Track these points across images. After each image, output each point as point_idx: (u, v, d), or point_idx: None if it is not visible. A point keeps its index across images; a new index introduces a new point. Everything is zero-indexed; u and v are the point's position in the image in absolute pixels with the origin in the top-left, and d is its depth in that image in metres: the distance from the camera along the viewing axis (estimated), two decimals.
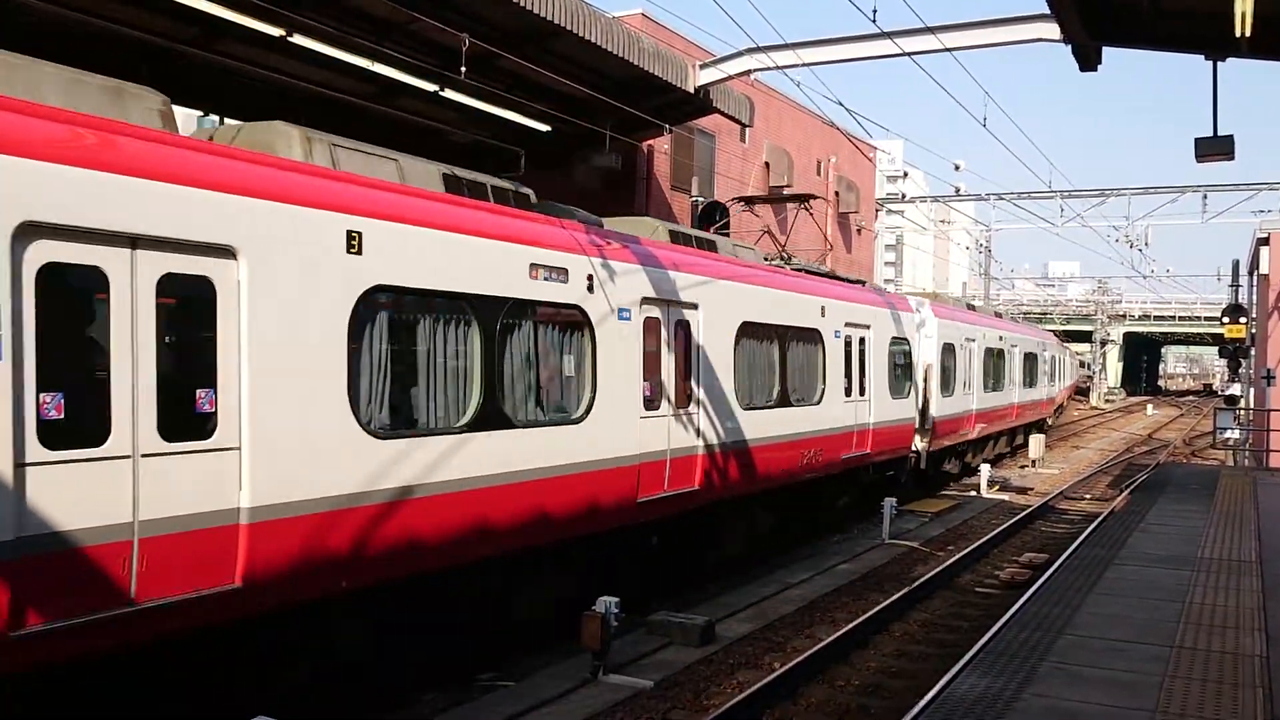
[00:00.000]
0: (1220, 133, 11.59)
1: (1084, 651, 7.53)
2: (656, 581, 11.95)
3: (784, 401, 14.16)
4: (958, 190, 40.82)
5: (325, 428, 7.25)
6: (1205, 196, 38.13)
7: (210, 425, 6.51)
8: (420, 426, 8.21)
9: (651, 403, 11.00)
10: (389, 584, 7.91)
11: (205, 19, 12.38)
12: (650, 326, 11.04)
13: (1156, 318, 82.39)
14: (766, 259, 15.30)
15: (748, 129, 22.04)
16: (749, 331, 13.19)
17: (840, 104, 14.07)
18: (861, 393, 16.67)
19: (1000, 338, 27.00)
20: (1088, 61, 12.54)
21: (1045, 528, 18.18)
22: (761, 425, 13.36)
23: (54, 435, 5.72)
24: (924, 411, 19.97)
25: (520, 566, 9.51)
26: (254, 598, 6.73)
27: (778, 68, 14.88)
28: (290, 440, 6.97)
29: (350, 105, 15.75)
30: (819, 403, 15.15)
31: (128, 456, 6.03)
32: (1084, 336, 75.69)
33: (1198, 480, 19.17)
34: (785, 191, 25.58)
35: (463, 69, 12.81)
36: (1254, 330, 30.95)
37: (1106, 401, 71.43)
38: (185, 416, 6.37)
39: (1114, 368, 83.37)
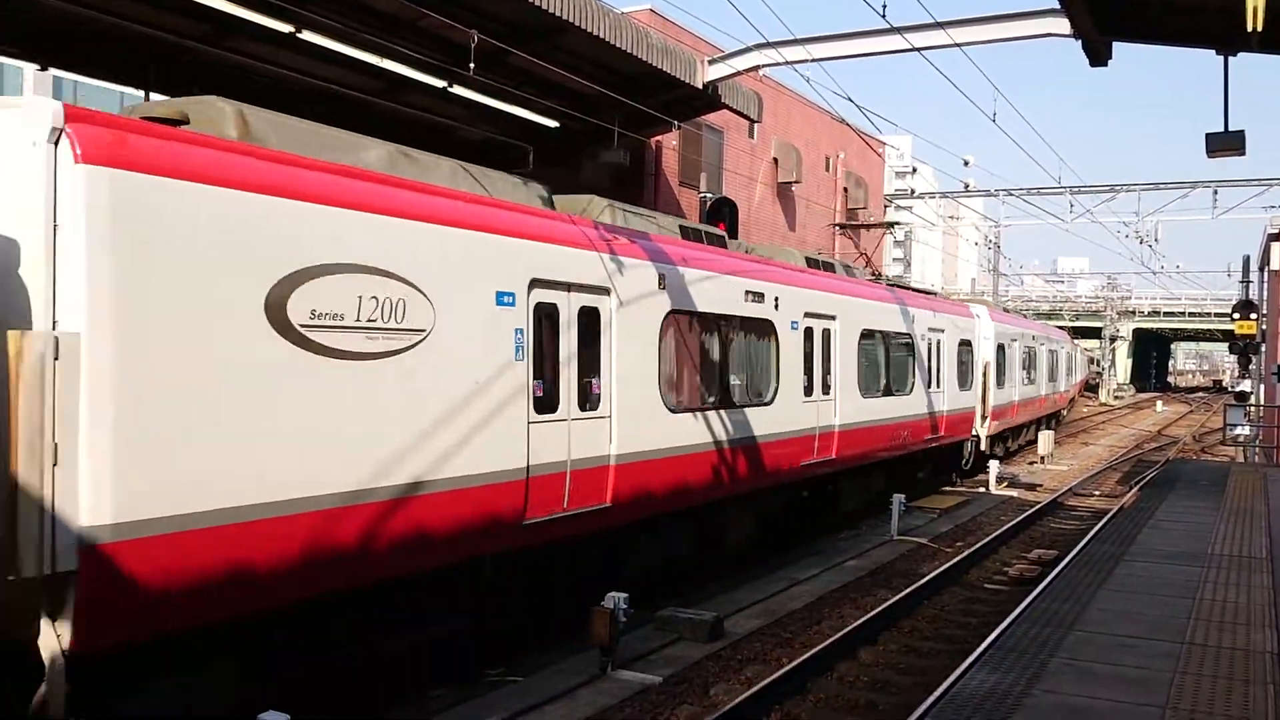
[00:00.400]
0: (1231, 128, 11.55)
1: (1094, 648, 7.52)
2: (804, 524, 15.68)
3: (887, 391, 17.63)
4: (967, 186, 40.72)
5: (647, 405, 10.81)
6: (1216, 192, 37.96)
7: (598, 402, 10.01)
8: (692, 405, 11.71)
9: (809, 390, 14.66)
10: (695, 508, 11.93)
11: (216, 16, 12.41)
12: (808, 334, 14.68)
13: (1166, 314, 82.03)
14: (847, 269, 18.34)
15: (756, 125, 22.01)
16: (865, 336, 16.70)
17: (849, 99, 14.07)
18: (939, 385, 20.50)
19: (1033, 338, 31.17)
20: (1098, 56, 12.50)
21: (1054, 524, 18.14)
22: (875, 410, 16.96)
23: (539, 406, 9.25)
24: (983, 400, 23.82)
25: (737, 502, 13.13)
26: (615, 514, 10.26)
27: (787, 63, 14.84)
28: (632, 413, 10.46)
29: (359, 101, 15.77)
30: (910, 393, 18.74)
31: (565, 420, 9.58)
32: (1093, 333, 75.45)
33: (1208, 476, 19.12)
34: (793, 188, 25.55)
35: (471, 65, 12.82)
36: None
37: (1115, 398, 71.20)
38: (587, 396, 9.91)
39: (1123, 364, 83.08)
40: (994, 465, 22.71)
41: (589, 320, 10.00)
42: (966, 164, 35.30)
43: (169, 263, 6.24)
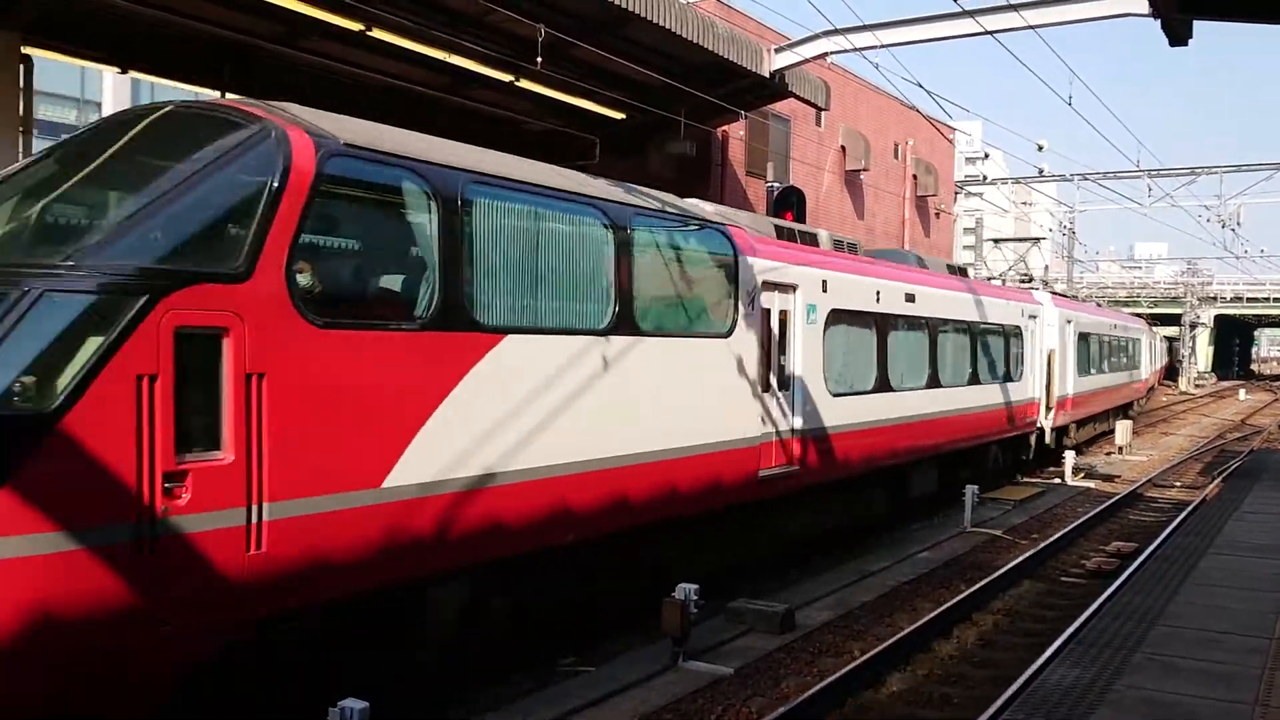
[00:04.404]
0: None
1: (1179, 642, 7.34)
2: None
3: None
4: (1040, 171, 39.88)
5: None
6: None
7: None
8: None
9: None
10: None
11: (289, 16, 12.64)
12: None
13: (1249, 299, 79.54)
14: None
15: (823, 113, 21.81)
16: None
17: (919, 85, 13.84)
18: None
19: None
20: (1177, 36, 12.11)
21: (1133, 516, 17.72)
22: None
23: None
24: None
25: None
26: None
27: (855, 50, 14.67)
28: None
29: (425, 96, 15.95)
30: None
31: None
32: (1173, 320, 73.48)
33: None
34: (862, 175, 25.28)
35: (538, 59, 12.87)
36: None
37: (1196, 386, 69.30)
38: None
39: (1204, 351, 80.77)
40: (1070, 456, 22.25)
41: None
42: (1040, 149, 34.55)
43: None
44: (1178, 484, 21.80)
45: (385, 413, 6.90)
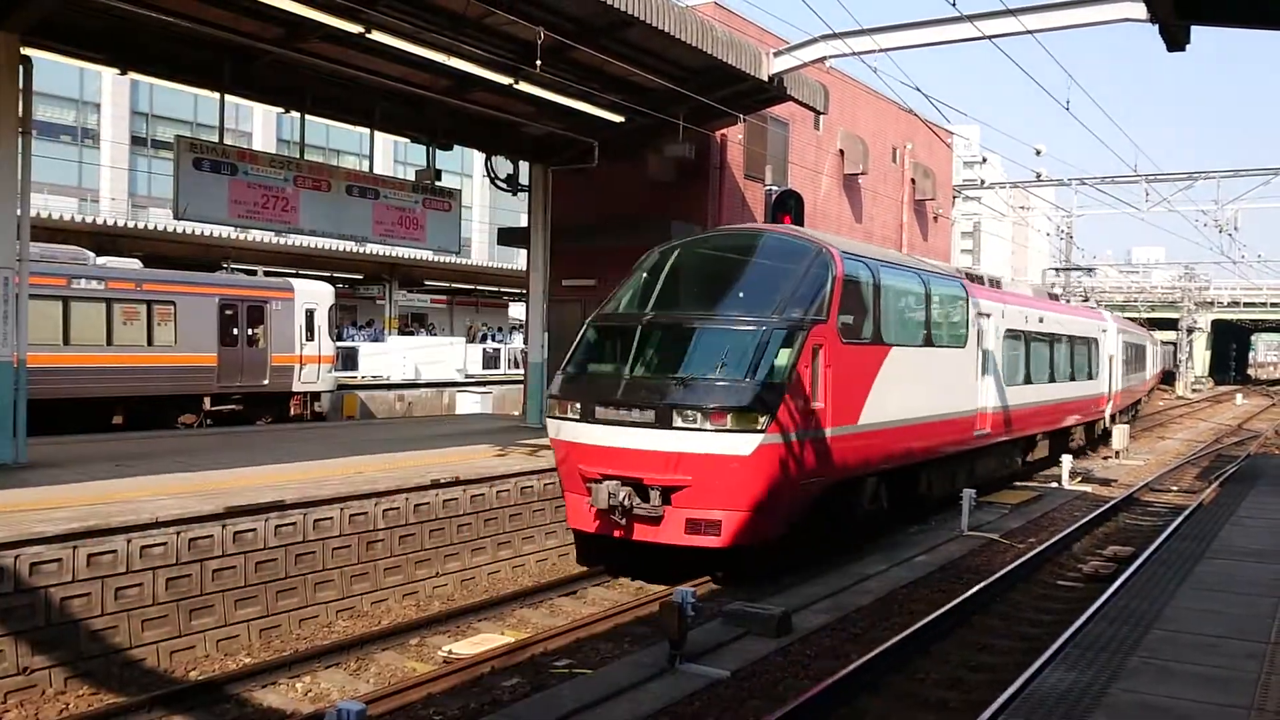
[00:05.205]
0: None
1: (1175, 647, 7.35)
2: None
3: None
4: (1038, 175, 39.91)
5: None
6: None
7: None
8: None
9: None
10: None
11: (288, 18, 12.64)
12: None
13: (1247, 304, 79.53)
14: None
15: (822, 116, 21.83)
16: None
17: (917, 89, 13.87)
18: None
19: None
20: (1176, 41, 12.08)
21: (1130, 520, 17.74)
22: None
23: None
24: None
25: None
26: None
27: (854, 54, 14.69)
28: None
29: (424, 99, 15.95)
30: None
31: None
32: (1170, 324, 73.49)
33: None
34: (860, 179, 25.32)
35: (538, 62, 12.88)
36: None
37: (1193, 391, 69.32)
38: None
39: (1201, 356, 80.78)
40: (1066, 460, 22.27)
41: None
42: (1039, 153, 34.60)
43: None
44: (1174, 488, 21.82)
45: (860, 385, 13.46)
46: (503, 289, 48.94)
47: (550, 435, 13.08)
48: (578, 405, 12.41)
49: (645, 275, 13.68)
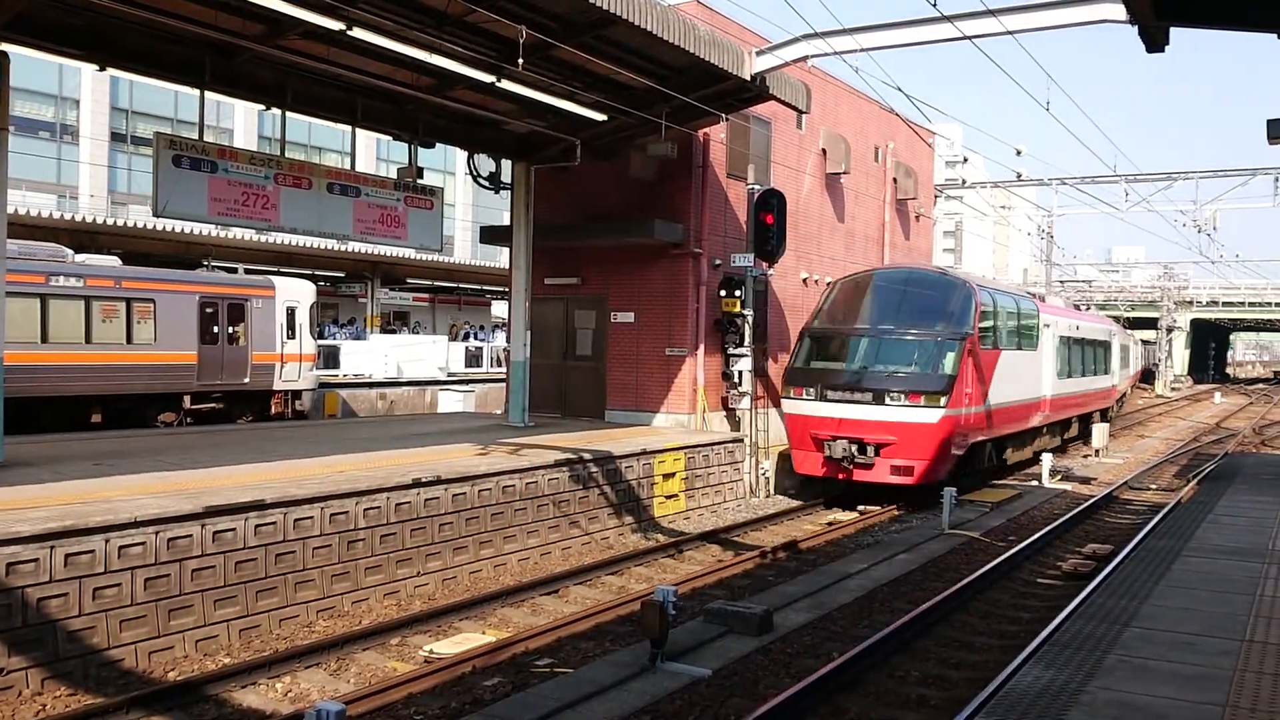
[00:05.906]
0: None
1: (1152, 645, 7.41)
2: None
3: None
4: (1019, 175, 40.12)
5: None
6: (1277, 179, 37.03)
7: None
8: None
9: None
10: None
11: (269, 15, 12.57)
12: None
13: (1225, 304, 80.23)
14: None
15: (804, 115, 21.86)
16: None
17: (899, 89, 13.90)
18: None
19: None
20: (1155, 42, 12.18)
21: (1109, 518, 17.87)
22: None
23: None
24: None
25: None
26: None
27: (835, 53, 14.71)
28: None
29: (406, 96, 15.90)
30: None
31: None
32: (1150, 323, 74.02)
33: (1269, 470, 18.71)
34: (842, 178, 25.38)
35: (520, 60, 12.85)
36: None
37: (1172, 389, 69.84)
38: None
39: (1180, 355, 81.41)
40: (1047, 458, 22.42)
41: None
42: (1019, 153, 34.77)
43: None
44: (1153, 486, 21.99)
45: (987, 378, 19.27)
46: (485, 287, 48.79)
47: (786, 410, 19.35)
48: (812, 389, 18.57)
49: (838, 296, 20.30)
